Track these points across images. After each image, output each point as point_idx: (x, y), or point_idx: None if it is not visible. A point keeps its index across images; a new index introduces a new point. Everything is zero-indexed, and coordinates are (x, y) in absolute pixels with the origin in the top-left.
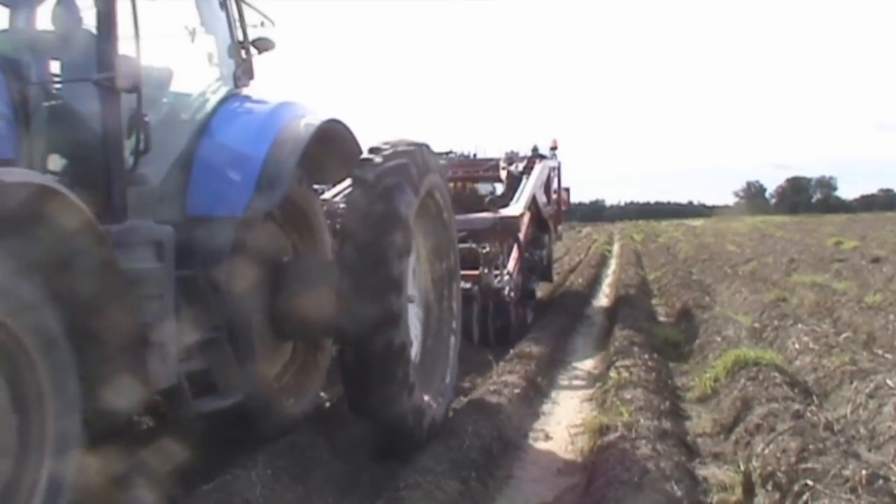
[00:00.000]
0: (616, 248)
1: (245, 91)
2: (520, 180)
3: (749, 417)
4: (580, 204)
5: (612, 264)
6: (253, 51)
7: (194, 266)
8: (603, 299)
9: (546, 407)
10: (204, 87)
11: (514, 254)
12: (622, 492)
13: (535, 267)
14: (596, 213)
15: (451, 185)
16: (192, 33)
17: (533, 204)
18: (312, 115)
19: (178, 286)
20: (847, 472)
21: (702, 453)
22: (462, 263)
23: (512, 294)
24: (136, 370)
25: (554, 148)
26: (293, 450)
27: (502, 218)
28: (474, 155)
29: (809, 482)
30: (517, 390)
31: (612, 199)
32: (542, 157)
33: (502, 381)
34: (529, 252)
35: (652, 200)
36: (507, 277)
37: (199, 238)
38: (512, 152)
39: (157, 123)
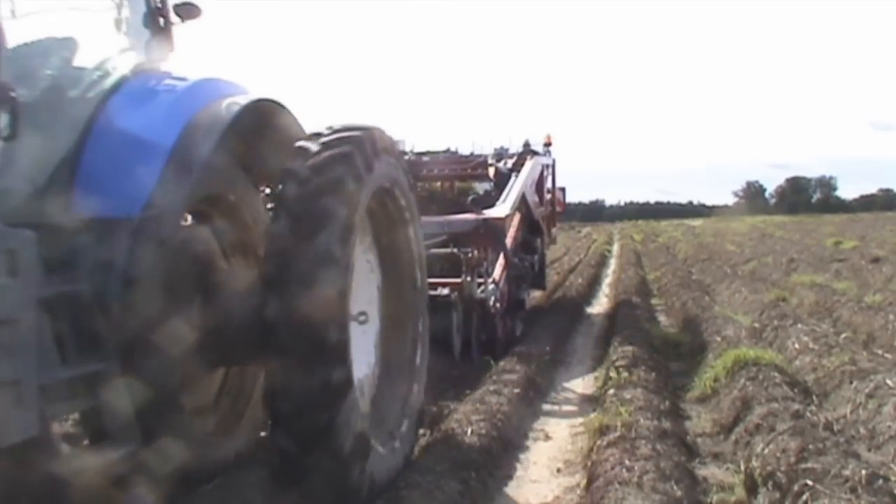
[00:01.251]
0: (616, 248)
1: (163, 67)
2: (508, 178)
3: (749, 417)
4: (580, 204)
5: (612, 264)
6: (175, 19)
7: (79, 280)
8: (603, 299)
9: (545, 407)
10: (103, 59)
11: (501, 260)
12: (622, 492)
13: (526, 274)
14: (595, 212)
15: (439, 184)
16: None
17: (523, 204)
18: (241, 95)
19: (58, 305)
20: (847, 472)
21: (702, 453)
22: (441, 270)
23: (498, 304)
24: None
25: (548, 144)
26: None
27: (486, 220)
28: (472, 153)
29: (809, 482)
30: (517, 389)
31: (611, 198)
32: (535, 153)
33: (502, 380)
34: (519, 257)
35: (652, 200)
36: (491, 286)
37: (86, 245)
38: (502, 148)
39: (34, 102)
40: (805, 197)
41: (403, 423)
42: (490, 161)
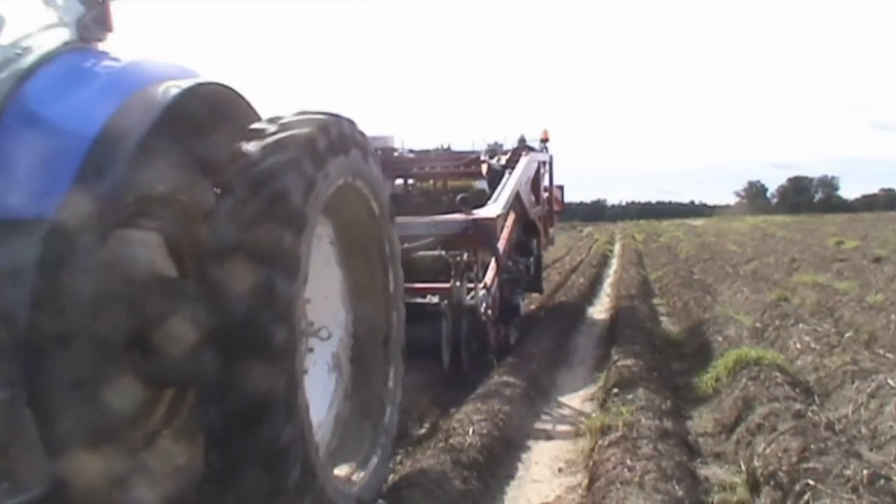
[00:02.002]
0: (617, 247)
1: (98, 48)
2: (501, 176)
3: (750, 417)
4: (581, 203)
5: (614, 264)
6: None
7: None
8: (604, 299)
9: (547, 407)
10: (24, 36)
11: (493, 263)
12: (624, 492)
13: (520, 277)
14: (597, 212)
15: (430, 183)
16: None
17: (517, 203)
18: (183, 78)
19: None
20: (848, 472)
21: (703, 453)
22: (429, 274)
23: (489, 311)
24: None
25: (545, 140)
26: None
27: (475, 220)
28: (471, 151)
29: (811, 482)
30: (518, 389)
31: (613, 198)
32: (531, 149)
33: (503, 381)
34: (513, 260)
35: (653, 200)
36: (482, 292)
37: None
38: (496, 144)
39: None
40: (807, 197)
41: (377, 449)
42: (483, 158)
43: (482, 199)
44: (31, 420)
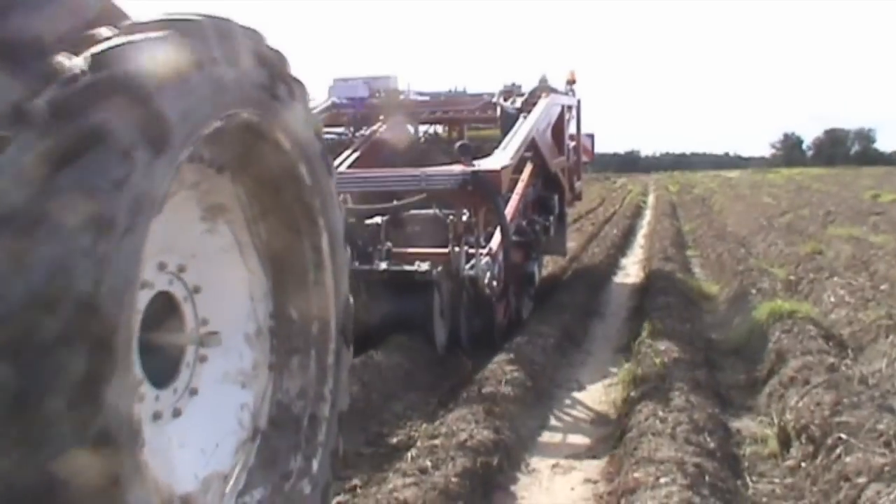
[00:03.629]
0: (651, 199)
1: None
2: (515, 121)
3: (783, 370)
4: (615, 154)
5: (647, 215)
6: None
7: None
8: (637, 250)
9: (579, 358)
10: None
11: (502, 224)
12: (655, 442)
13: (537, 240)
14: (631, 163)
15: (442, 129)
16: None
17: (535, 153)
18: None
19: None
20: (881, 426)
21: (735, 405)
22: (421, 239)
23: (495, 282)
24: None
25: (571, 81)
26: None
27: (475, 173)
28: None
29: (843, 435)
30: (551, 340)
31: (647, 149)
32: (552, 90)
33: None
34: (529, 219)
35: (688, 151)
36: (485, 259)
37: None
38: (513, 85)
39: None
40: (843, 149)
41: (304, 479)
42: (494, 100)
43: (490, 148)
44: None
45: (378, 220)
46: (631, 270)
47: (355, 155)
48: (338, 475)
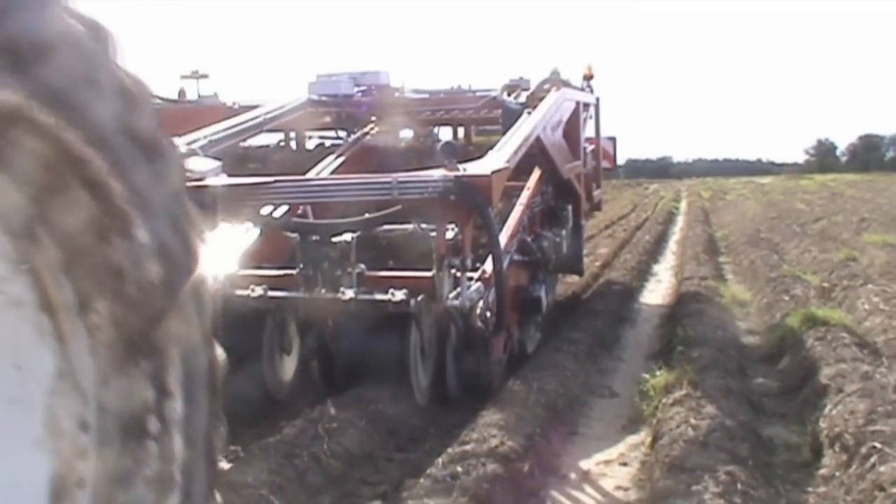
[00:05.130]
0: (683, 205)
1: None
2: (518, 118)
3: (816, 378)
4: (647, 160)
5: (680, 221)
6: None
7: None
8: (669, 257)
9: (611, 364)
10: None
11: (501, 239)
12: (687, 450)
13: (544, 259)
14: (663, 169)
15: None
16: None
17: (541, 155)
18: None
19: None
20: None
21: (768, 413)
22: (398, 260)
23: (488, 313)
24: None
25: (588, 77)
26: (358, 401)
27: (459, 178)
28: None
29: (877, 444)
30: (583, 346)
31: (679, 155)
32: (565, 83)
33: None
34: (536, 234)
35: (720, 157)
36: (475, 286)
37: None
38: (520, 79)
39: None
40: (878, 155)
41: None
42: (496, 96)
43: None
44: None
45: (348, 237)
46: (663, 277)
47: (339, 160)
48: None
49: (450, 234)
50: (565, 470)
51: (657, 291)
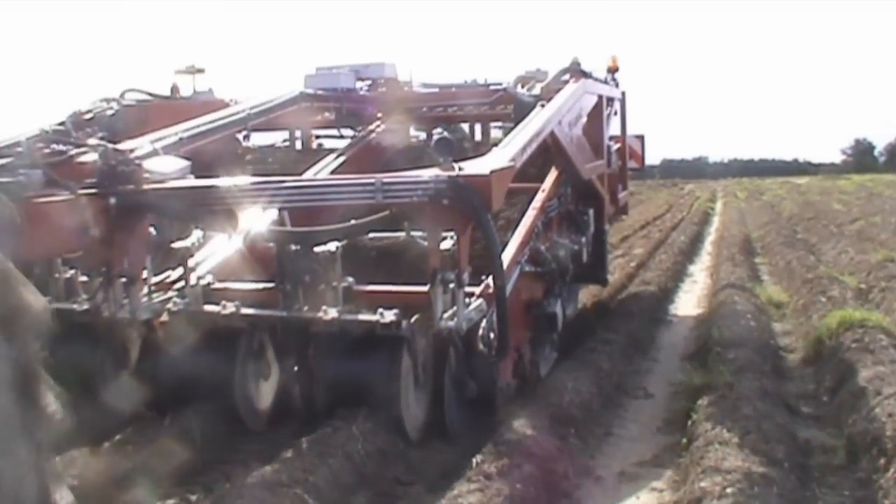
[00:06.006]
0: (719, 205)
1: None
2: (530, 111)
3: (853, 380)
4: (682, 160)
5: (715, 222)
6: None
7: None
8: (705, 257)
9: (646, 365)
10: None
11: (510, 249)
12: (722, 452)
13: (560, 269)
14: (698, 169)
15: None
16: None
17: (557, 153)
18: None
19: None
20: None
21: (804, 415)
22: (388, 273)
23: (492, 335)
24: None
25: (613, 69)
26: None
27: (453, 179)
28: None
29: None
30: (617, 346)
31: (715, 155)
32: (584, 74)
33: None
34: (552, 242)
35: (756, 157)
36: (475, 303)
37: None
38: (537, 70)
39: None
40: None
41: None
42: (507, 88)
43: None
44: None
45: (332, 247)
46: (698, 277)
47: (340, 160)
48: None
49: (447, 244)
50: (600, 471)
51: (692, 292)
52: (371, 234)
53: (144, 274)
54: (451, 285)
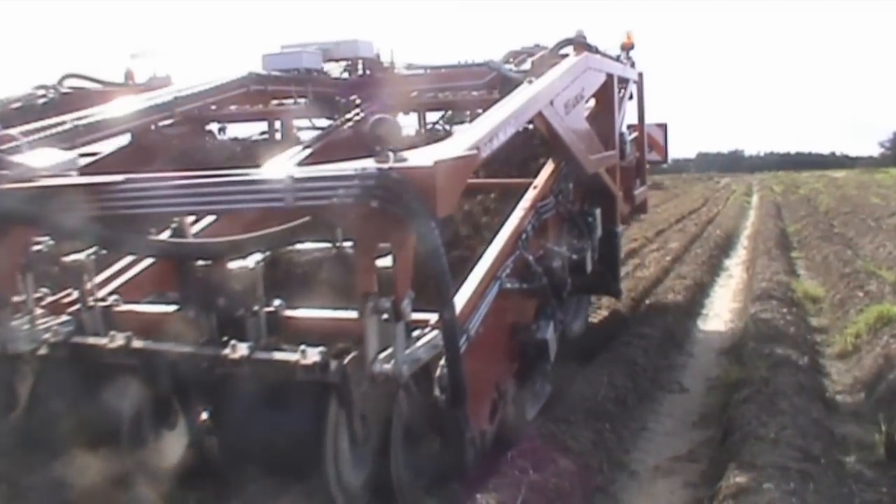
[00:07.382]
0: (755, 199)
1: None
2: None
3: (892, 376)
4: (718, 154)
5: (751, 216)
6: None
7: None
8: (741, 251)
9: (681, 360)
10: None
11: (483, 265)
12: (758, 447)
13: (557, 282)
14: (735, 163)
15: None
16: None
17: (554, 143)
18: None
19: None
20: None
21: (841, 411)
22: (326, 294)
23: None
24: None
25: (628, 47)
26: None
27: (382, 172)
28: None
29: None
30: (653, 341)
31: (751, 148)
32: (588, 47)
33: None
34: (544, 251)
35: (793, 151)
36: (425, 339)
37: None
38: (535, 46)
39: None
40: None
41: None
42: (489, 62)
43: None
44: None
45: (252, 262)
46: (734, 272)
47: (305, 153)
48: None
49: (385, 261)
50: (635, 465)
51: (728, 286)
52: (298, 246)
53: (23, 296)
54: (384, 316)
